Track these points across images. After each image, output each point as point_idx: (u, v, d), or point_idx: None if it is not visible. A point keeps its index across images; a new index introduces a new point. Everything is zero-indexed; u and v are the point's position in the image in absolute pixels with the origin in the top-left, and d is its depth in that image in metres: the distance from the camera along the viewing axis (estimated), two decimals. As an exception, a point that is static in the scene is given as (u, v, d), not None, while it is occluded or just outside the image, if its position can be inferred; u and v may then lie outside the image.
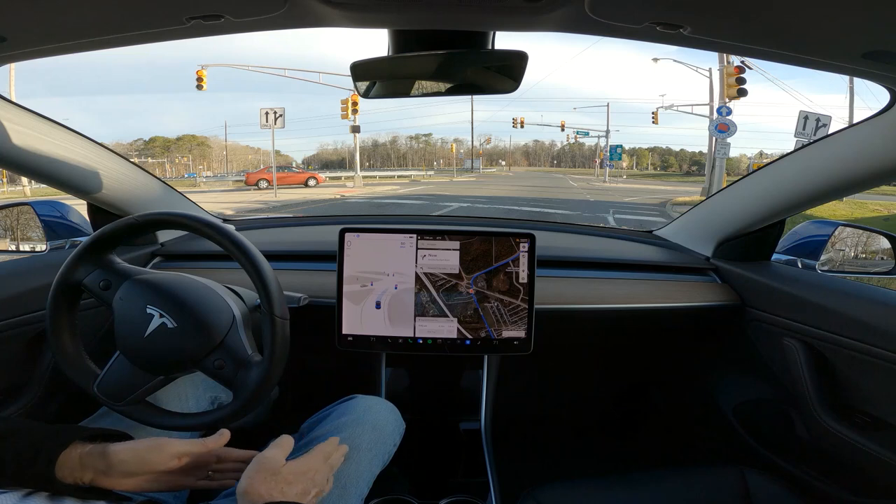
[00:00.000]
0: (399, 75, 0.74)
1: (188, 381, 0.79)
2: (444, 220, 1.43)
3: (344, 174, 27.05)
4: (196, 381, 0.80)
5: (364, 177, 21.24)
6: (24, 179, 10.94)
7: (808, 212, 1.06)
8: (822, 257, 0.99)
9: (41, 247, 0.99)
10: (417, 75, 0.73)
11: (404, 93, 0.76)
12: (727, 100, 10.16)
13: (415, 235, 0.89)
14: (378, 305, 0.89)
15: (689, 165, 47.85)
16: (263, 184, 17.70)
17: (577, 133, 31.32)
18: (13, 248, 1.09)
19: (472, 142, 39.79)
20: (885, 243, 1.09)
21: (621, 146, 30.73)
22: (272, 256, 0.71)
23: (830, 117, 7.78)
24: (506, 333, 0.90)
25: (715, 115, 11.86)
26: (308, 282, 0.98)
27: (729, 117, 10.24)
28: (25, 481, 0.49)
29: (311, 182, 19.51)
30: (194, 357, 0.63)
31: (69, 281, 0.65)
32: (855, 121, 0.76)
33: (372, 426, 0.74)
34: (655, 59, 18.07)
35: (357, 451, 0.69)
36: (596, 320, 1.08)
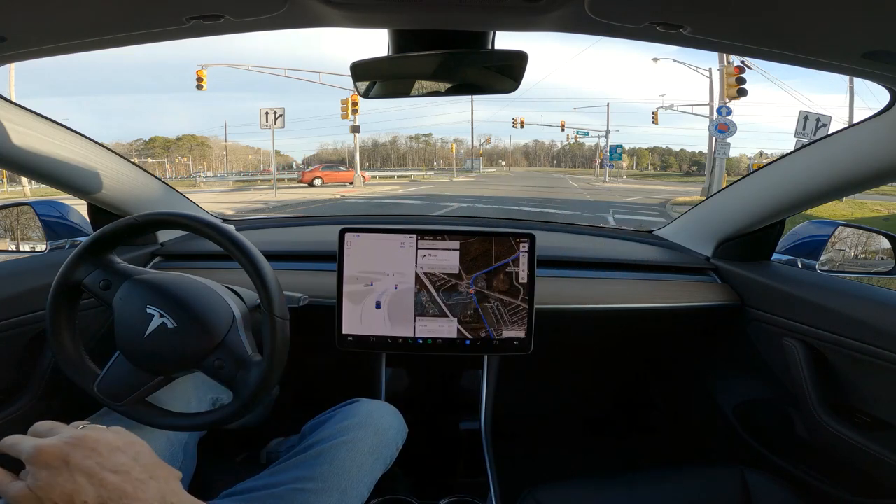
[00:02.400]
0: (399, 75, 0.74)
1: (189, 382, 0.79)
2: (444, 220, 1.43)
3: (344, 174, 27.05)
4: (197, 381, 0.80)
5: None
6: (24, 179, 10.94)
7: (808, 212, 1.06)
8: (822, 257, 0.99)
9: (41, 247, 0.99)
10: (417, 75, 0.73)
11: (404, 93, 0.76)
12: (727, 100, 10.16)
13: (415, 235, 0.89)
14: (378, 305, 0.89)
15: (689, 165, 47.90)
16: (318, 181, 18.63)
17: (577, 133, 31.38)
18: (13, 248, 1.09)
19: (472, 142, 39.88)
20: (885, 243, 1.09)
21: (621, 146, 30.77)
22: (272, 256, 0.70)
23: (830, 117, 7.78)
24: (506, 333, 0.90)
25: (715, 115, 11.87)
26: (308, 282, 0.98)
27: (729, 117, 10.24)
28: None
29: (359, 181, 20.16)
30: (194, 357, 0.63)
31: (69, 281, 0.65)
32: (855, 121, 0.76)
33: (375, 430, 0.74)
34: (655, 59, 18.14)
35: (360, 455, 0.69)
36: (596, 320, 1.08)
